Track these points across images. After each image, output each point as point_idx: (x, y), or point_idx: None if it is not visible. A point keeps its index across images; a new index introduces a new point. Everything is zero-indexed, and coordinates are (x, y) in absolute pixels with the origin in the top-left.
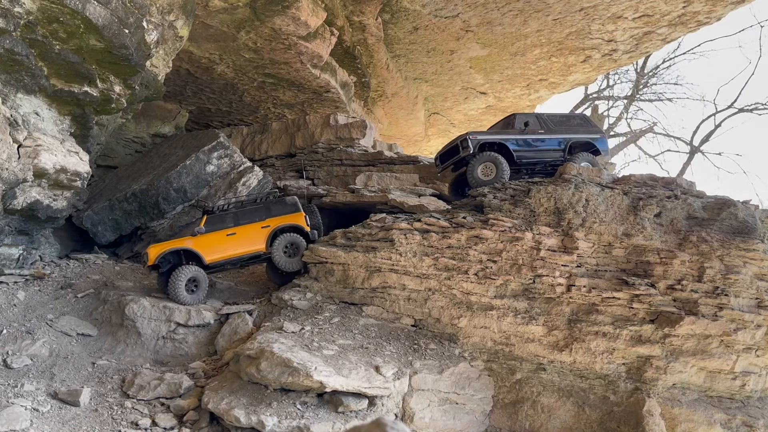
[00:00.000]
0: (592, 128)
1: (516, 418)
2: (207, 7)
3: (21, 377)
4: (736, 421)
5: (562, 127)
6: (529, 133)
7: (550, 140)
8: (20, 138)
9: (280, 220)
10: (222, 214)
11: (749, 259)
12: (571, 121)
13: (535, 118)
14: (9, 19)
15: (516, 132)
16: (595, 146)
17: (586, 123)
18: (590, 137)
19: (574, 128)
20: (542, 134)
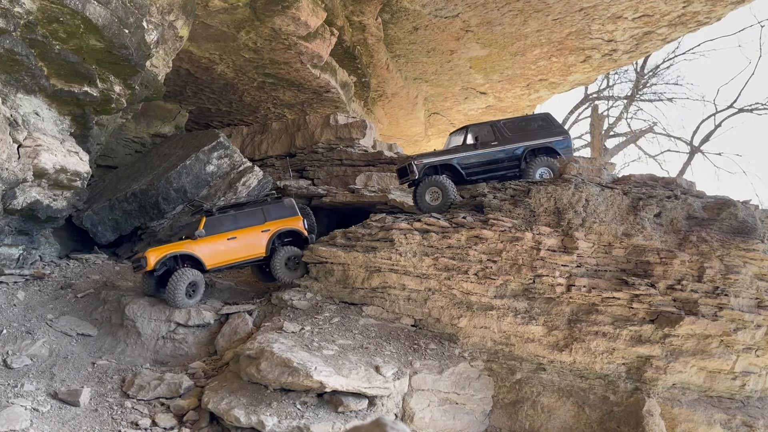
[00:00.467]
0: (554, 129)
1: (516, 418)
2: (207, 7)
3: (21, 377)
4: (736, 421)
5: (520, 133)
6: (480, 148)
7: (504, 151)
8: (20, 138)
9: (279, 224)
10: (220, 216)
11: (749, 259)
12: (531, 125)
13: (489, 129)
14: (9, 19)
15: (466, 149)
16: (555, 150)
17: (548, 124)
18: (549, 141)
19: (533, 132)
20: (495, 146)
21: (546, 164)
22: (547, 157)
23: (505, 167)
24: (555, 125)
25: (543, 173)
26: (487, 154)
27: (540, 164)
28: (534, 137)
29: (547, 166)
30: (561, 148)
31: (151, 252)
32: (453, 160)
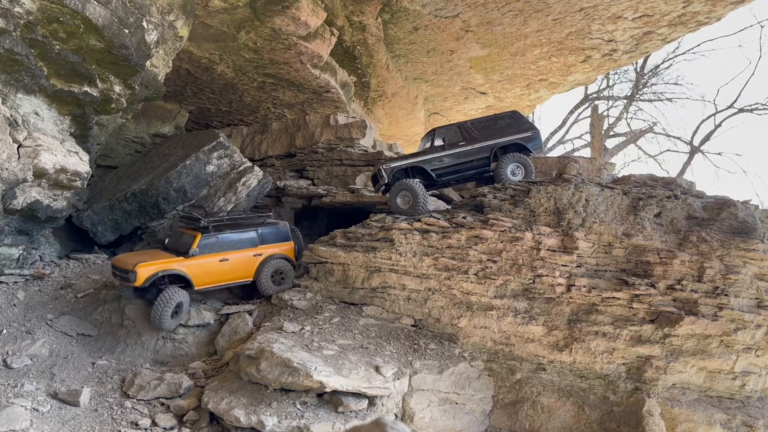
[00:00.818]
0: (523, 126)
1: (516, 418)
2: (207, 7)
3: (21, 377)
4: (736, 421)
5: (488, 132)
6: (448, 149)
7: (472, 150)
8: (20, 138)
9: (271, 249)
10: (216, 236)
11: (749, 259)
12: (499, 123)
13: (456, 129)
14: (9, 19)
15: (434, 150)
16: (525, 146)
17: (516, 122)
18: (518, 138)
19: (501, 130)
20: (463, 146)
21: (516, 160)
22: (518, 153)
23: (474, 167)
24: (523, 122)
25: (514, 170)
26: (454, 155)
27: (510, 161)
28: (502, 135)
29: (518, 162)
30: (530, 145)
31: (141, 267)
32: (421, 163)
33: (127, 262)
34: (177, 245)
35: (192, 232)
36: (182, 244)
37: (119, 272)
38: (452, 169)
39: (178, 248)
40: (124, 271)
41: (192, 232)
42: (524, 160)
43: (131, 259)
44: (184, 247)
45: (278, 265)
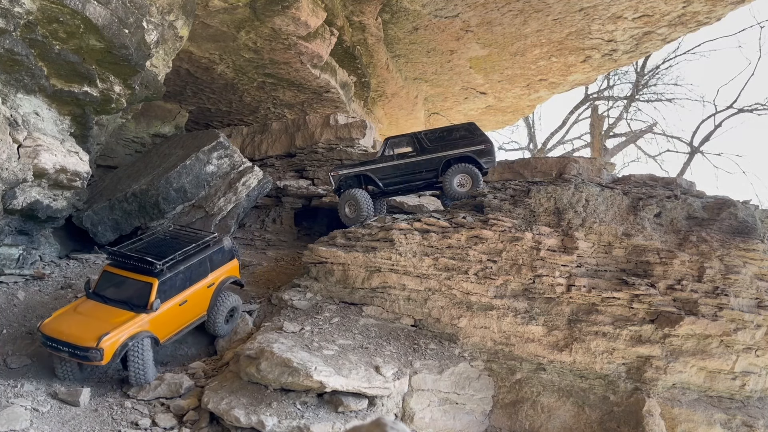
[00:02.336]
0: (476, 139)
1: (516, 418)
2: (207, 7)
3: (21, 377)
4: (736, 421)
5: (440, 143)
6: (397, 159)
7: (421, 161)
8: (20, 138)
9: (221, 274)
10: (172, 277)
11: (749, 259)
12: (452, 135)
13: (409, 139)
14: (9, 19)
15: (383, 160)
16: (475, 159)
17: (471, 134)
18: (469, 151)
19: (454, 142)
20: (412, 156)
21: (462, 171)
22: (464, 164)
23: (423, 178)
24: (477, 135)
25: (461, 181)
26: (402, 165)
27: (456, 172)
28: (453, 147)
29: (464, 173)
30: (481, 158)
31: (107, 342)
32: (369, 171)
33: (78, 334)
34: (119, 294)
35: (143, 277)
36: (131, 293)
37: (66, 348)
38: (400, 179)
39: (124, 299)
40: (81, 348)
41: (143, 278)
42: (471, 171)
43: (79, 329)
44: (136, 298)
45: (233, 303)
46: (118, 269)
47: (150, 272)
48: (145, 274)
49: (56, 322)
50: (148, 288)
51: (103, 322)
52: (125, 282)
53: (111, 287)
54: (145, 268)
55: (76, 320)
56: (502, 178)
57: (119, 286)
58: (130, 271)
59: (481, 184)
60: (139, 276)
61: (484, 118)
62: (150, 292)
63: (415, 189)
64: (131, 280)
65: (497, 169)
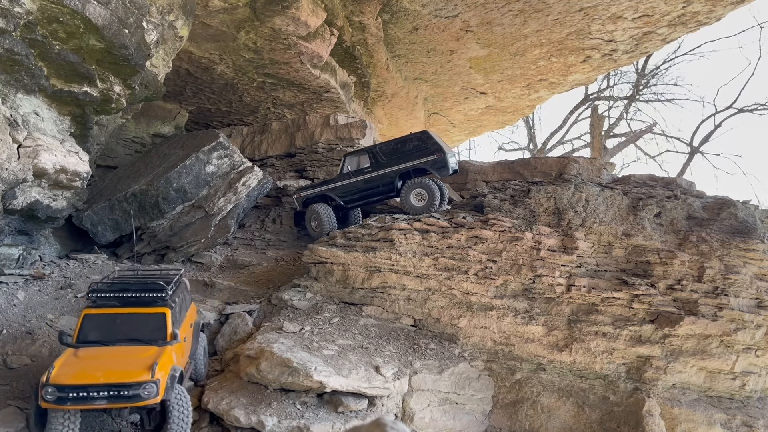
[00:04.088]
0: (429, 149)
1: (516, 418)
2: (207, 7)
3: (20, 377)
4: (735, 421)
5: (394, 156)
6: (354, 176)
7: (377, 177)
8: (20, 138)
9: (193, 312)
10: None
11: (749, 259)
12: (406, 146)
13: (365, 155)
14: (9, 19)
15: (342, 177)
16: (430, 170)
17: (423, 144)
18: (421, 162)
19: (407, 155)
20: (368, 173)
21: (418, 186)
22: (420, 178)
23: (381, 192)
24: (430, 144)
25: (418, 195)
26: (359, 182)
27: (412, 187)
28: (407, 159)
29: (420, 187)
30: (435, 168)
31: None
32: (327, 192)
33: (118, 370)
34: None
35: (151, 309)
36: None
37: (105, 392)
38: (358, 195)
39: (133, 336)
40: (130, 386)
41: (152, 310)
42: (426, 184)
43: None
44: (149, 332)
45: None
46: (109, 308)
47: (158, 302)
48: (151, 306)
49: (71, 369)
50: (161, 319)
51: (132, 357)
52: (125, 319)
53: (104, 330)
54: (151, 298)
55: (97, 363)
56: (502, 178)
57: (116, 325)
58: (131, 306)
59: (435, 197)
60: (144, 309)
61: (484, 118)
62: (165, 322)
63: (374, 202)
64: (134, 316)
65: (497, 169)
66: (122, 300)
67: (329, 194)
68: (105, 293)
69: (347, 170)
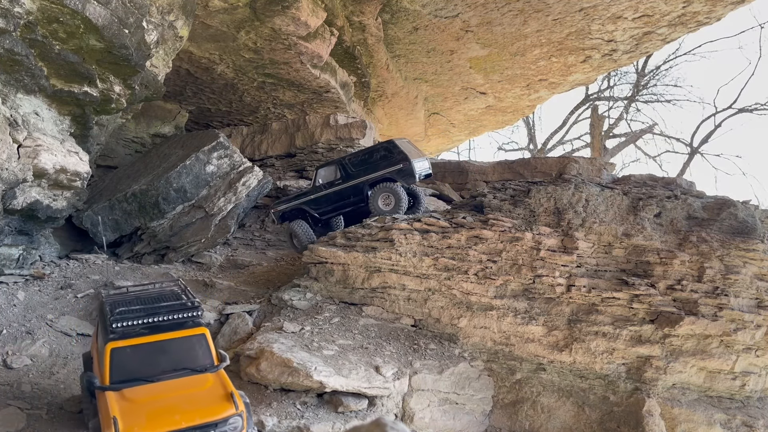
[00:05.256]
0: (396, 157)
1: (516, 418)
2: (207, 7)
3: (20, 377)
4: (735, 421)
5: (363, 167)
6: (325, 188)
7: (348, 188)
8: (20, 138)
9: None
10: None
11: (749, 259)
12: (374, 157)
13: (335, 167)
14: (9, 19)
15: (315, 191)
16: (397, 179)
17: (390, 154)
18: (388, 172)
19: (375, 165)
20: (339, 185)
21: (385, 191)
22: (387, 183)
23: (352, 202)
24: (396, 154)
25: (385, 200)
26: (331, 194)
27: (379, 192)
28: (375, 170)
29: (387, 192)
30: (401, 177)
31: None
32: (302, 205)
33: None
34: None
35: (186, 332)
36: (178, 357)
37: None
38: (331, 207)
39: (176, 366)
40: (217, 423)
41: (188, 332)
42: (393, 189)
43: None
44: (191, 359)
45: None
46: (138, 338)
47: (191, 322)
48: (186, 327)
49: (138, 417)
50: (202, 341)
51: (196, 390)
52: (162, 347)
53: (141, 363)
54: (184, 319)
55: (163, 404)
56: (502, 178)
57: (153, 356)
58: (164, 332)
59: (403, 199)
60: (180, 333)
61: (484, 118)
62: (207, 344)
63: (347, 213)
64: (171, 342)
65: (497, 169)
66: (152, 326)
67: (303, 207)
68: (130, 320)
69: (319, 183)
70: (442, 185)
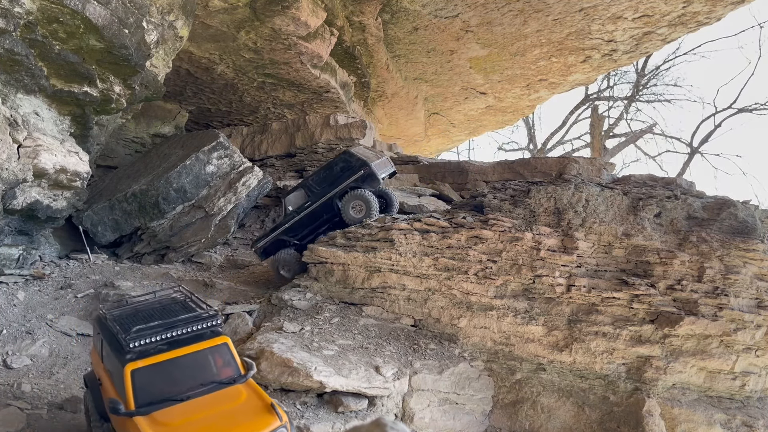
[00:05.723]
0: (355, 165)
1: (516, 419)
2: (207, 7)
3: (20, 377)
4: (735, 421)
5: (326, 183)
6: (298, 212)
7: (317, 207)
8: (20, 138)
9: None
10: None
11: (749, 259)
12: (334, 170)
13: (301, 191)
14: (9, 19)
15: (288, 218)
16: (362, 186)
17: (348, 163)
18: (352, 180)
19: (337, 178)
20: (308, 207)
21: (354, 198)
22: (355, 191)
23: (327, 220)
24: (354, 162)
25: (356, 204)
26: (304, 218)
27: (349, 201)
28: (338, 182)
29: (356, 198)
30: (366, 183)
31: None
32: (280, 236)
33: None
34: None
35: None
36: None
37: None
38: (308, 230)
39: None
40: None
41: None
42: (361, 195)
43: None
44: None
45: None
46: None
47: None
48: (207, 338)
49: None
50: (225, 351)
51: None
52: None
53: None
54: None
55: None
56: (502, 178)
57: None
58: (184, 346)
59: (374, 205)
60: (201, 345)
61: (484, 118)
62: (231, 353)
63: (324, 231)
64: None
65: (497, 169)
66: (171, 341)
67: (281, 238)
68: (148, 337)
69: (289, 210)
70: (442, 185)
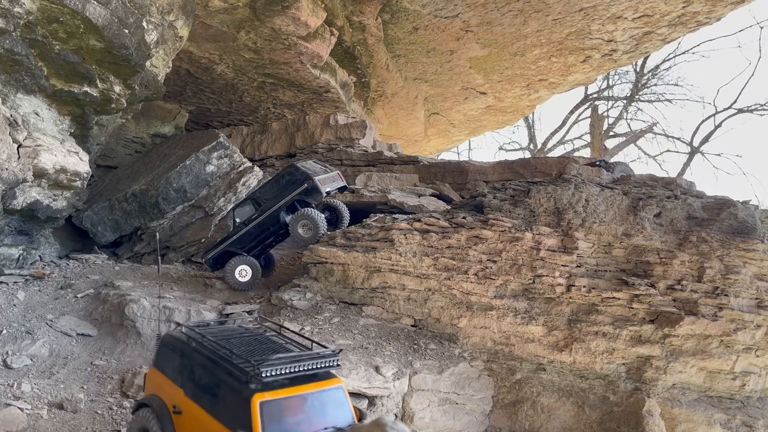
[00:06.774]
0: (299, 178)
1: (516, 418)
2: (207, 7)
3: (20, 377)
4: (735, 421)
5: (273, 196)
6: (246, 224)
7: (264, 220)
8: (20, 138)
9: None
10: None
11: (749, 259)
12: (280, 183)
13: (249, 203)
14: (9, 19)
15: (236, 231)
16: (306, 200)
17: (293, 176)
18: (296, 193)
19: (283, 190)
20: (255, 219)
21: (301, 217)
22: (301, 210)
23: (273, 232)
24: (298, 175)
25: (304, 224)
26: (252, 230)
27: (297, 220)
28: (283, 196)
29: (303, 218)
30: (309, 197)
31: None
32: (228, 248)
33: None
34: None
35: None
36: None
37: None
38: (255, 242)
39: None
40: None
41: (329, 384)
42: (307, 215)
43: None
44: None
45: None
46: (285, 390)
47: (328, 372)
48: (326, 379)
49: None
50: (341, 394)
51: None
52: (309, 402)
53: (294, 420)
54: (325, 369)
55: None
56: (502, 178)
57: (303, 412)
58: (306, 383)
59: (321, 223)
60: (322, 384)
61: (484, 118)
62: (345, 398)
63: (271, 244)
64: (317, 395)
65: (497, 169)
66: (295, 377)
67: (230, 249)
68: (277, 369)
69: (237, 222)
70: (442, 185)
